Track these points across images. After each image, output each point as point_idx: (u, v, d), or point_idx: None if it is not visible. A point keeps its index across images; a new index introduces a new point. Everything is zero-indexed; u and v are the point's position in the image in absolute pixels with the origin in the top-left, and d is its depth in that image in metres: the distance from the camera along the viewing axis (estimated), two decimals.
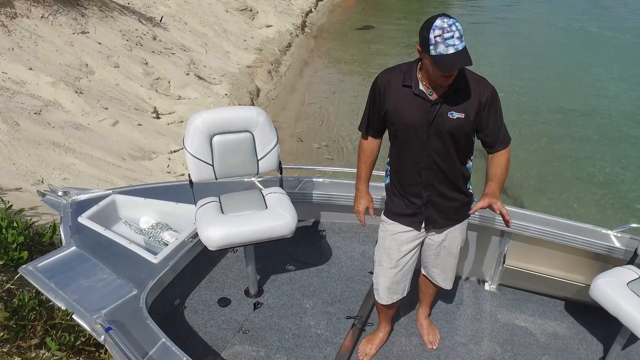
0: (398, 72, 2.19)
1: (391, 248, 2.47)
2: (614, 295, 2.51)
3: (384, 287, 2.56)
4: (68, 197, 3.06)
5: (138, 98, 6.57)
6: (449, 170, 2.26)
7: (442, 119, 2.12)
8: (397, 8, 16.44)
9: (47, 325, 2.39)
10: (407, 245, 2.46)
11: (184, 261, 2.77)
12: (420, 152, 2.21)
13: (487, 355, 2.86)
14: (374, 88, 2.25)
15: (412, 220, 2.40)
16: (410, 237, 2.44)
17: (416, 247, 2.50)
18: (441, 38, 1.89)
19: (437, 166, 2.24)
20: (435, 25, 1.91)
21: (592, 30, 14.27)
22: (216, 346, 2.79)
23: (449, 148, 2.19)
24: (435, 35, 1.90)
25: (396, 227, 2.44)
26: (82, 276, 2.48)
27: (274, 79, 9.35)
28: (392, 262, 2.49)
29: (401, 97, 2.16)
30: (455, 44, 1.90)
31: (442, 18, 1.91)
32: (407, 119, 2.16)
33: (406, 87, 2.14)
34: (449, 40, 1.89)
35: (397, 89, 2.17)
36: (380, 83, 2.21)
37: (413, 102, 2.13)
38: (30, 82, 5.49)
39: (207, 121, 2.78)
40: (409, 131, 2.18)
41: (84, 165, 4.74)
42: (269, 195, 2.91)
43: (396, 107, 2.17)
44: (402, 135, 2.22)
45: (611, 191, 6.34)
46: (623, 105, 8.96)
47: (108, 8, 8.07)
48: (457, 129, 2.13)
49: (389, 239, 2.47)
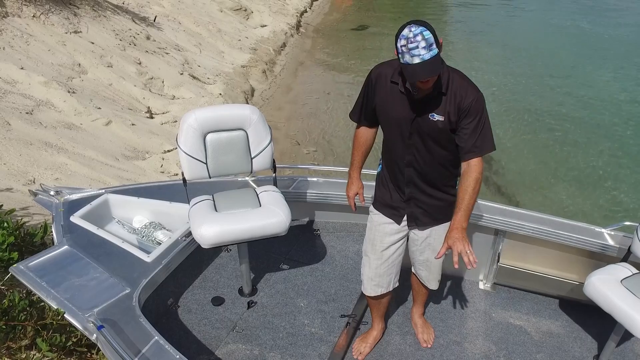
0: (390, 67, 2.21)
1: (375, 239, 2.50)
2: (608, 293, 2.52)
3: (369, 278, 2.58)
4: (60, 197, 3.03)
5: (131, 98, 6.54)
6: (431, 170, 2.27)
7: (422, 119, 2.14)
8: (392, 8, 16.44)
9: (38, 325, 2.37)
10: (391, 237, 2.47)
11: (177, 260, 2.75)
12: (402, 148, 2.25)
13: (481, 353, 2.86)
14: (367, 80, 2.29)
15: (393, 212, 2.44)
16: (392, 229, 2.46)
17: (400, 240, 2.51)
18: (406, 48, 1.89)
19: (418, 164, 2.26)
20: (402, 35, 1.91)
21: (584, 27, 14.37)
22: (210, 345, 2.77)
23: (429, 148, 2.20)
24: (401, 45, 1.91)
25: (381, 218, 2.47)
26: (74, 275, 2.46)
27: (268, 78, 9.33)
28: (375, 253, 2.52)
29: (388, 92, 2.19)
30: (420, 54, 1.88)
31: (410, 27, 1.90)
32: (392, 115, 2.21)
33: (394, 84, 2.17)
34: (413, 51, 1.88)
35: (386, 83, 2.20)
36: (373, 76, 2.25)
37: (398, 99, 2.17)
38: (21, 82, 5.45)
39: (201, 119, 2.77)
40: (393, 126, 2.23)
41: (77, 165, 4.70)
42: (262, 194, 2.90)
43: (383, 102, 2.22)
44: (388, 130, 2.28)
45: (605, 189, 6.37)
46: (619, 103, 9.00)
47: (101, 7, 8.02)
48: (436, 131, 2.13)
49: (373, 230, 2.51)
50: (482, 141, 2.12)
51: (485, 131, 2.12)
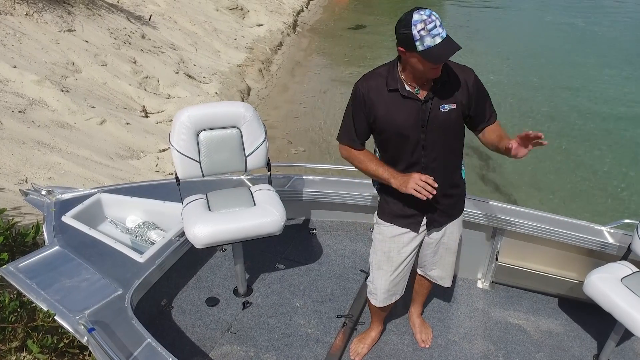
0: (377, 77, 2.11)
1: (391, 251, 2.40)
2: (608, 291, 2.49)
3: (384, 290, 2.50)
4: (52, 196, 2.98)
5: (126, 97, 6.49)
6: (448, 165, 2.23)
7: (435, 115, 2.08)
8: (389, 7, 16.41)
9: (28, 327, 2.33)
10: (408, 247, 2.40)
11: (171, 260, 2.71)
12: (418, 154, 2.15)
13: (480, 353, 2.82)
14: (354, 98, 2.15)
15: (410, 221, 2.34)
16: (409, 238, 2.38)
17: (416, 247, 2.45)
18: (425, 31, 1.85)
19: (436, 163, 2.18)
20: (415, 20, 1.86)
21: (579, 24, 14.37)
22: (204, 346, 2.73)
23: (446, 142, 2.16)
24: (419, 30, 1.85)
25: (394, 230, 2.36)
26: (65, 276, 2.41)
27: (265, 78, 9.29)
28: (393, 266, 2.43)
29: (389, 102, 2.09)
30: (440, 32, 1.86)
31: (418, 11, 1.87)
32: (400, 124, 2.09)
33: (392, 92, 2.08)
34: (433, 31, 1.85)
35: (381, 95, 2.09)
36: (363, 91, 2.11)
37: (403, 106, 2.08)
38: (14, 81, 5.39)
39: (194, 117, 2.72)
40: (404, 135, 2.11)
41: (70, 165, 4.65)
42: (257, 193, 2.86)
43: (386, 114, 2.10)
44: (396, 141, 2.15)
45: (605, 187, 6.35)
46: (617, 100, 8.99)
47: (95, 6, 7.96)
48: (450, 120, 2.10)
49: (388, 242, 2.39)
50: (492, 110, 2.22)
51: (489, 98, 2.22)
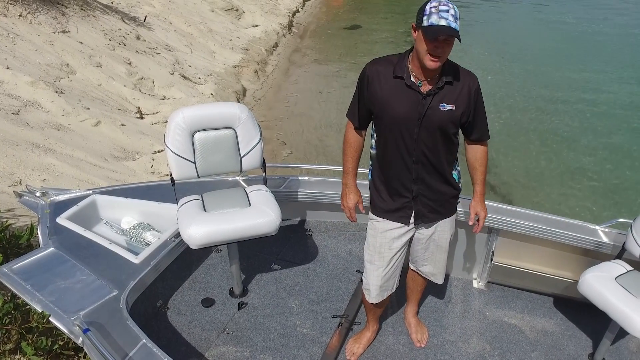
0: (387, 63, 2.14)
1: (382, 246, 2.42)
2: (603, 290, 2.50)
3: (376, 286, 2.51)
4: (46, 198, 2.97)
5: (121, 98, 6.46)
6: (439, 163, 2.23)
7: (433, 111, 2.09)
8: (384, 7, 16.44)
9: (22, 329, 2.31)
10: (398, 241, 2.42)
11: (166, 261, 2.70)
12: (410, 145, 2.17)
13: (476, 352, 2.83)
14: (361, 79, 2.20)
15: (400, 215, 2.36)
16: (400, 233, 2.40)
17: (406, 242, 2.46)
18: (436, 9, 1.90)
19: (426, 159, 2.20)
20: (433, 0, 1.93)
21: (571, 22, 14.44)
22: (200, 347, 2.73)
23: (439, 140, 2.16)
24: (431, 7, 1.92)
25: (385, 225, 2.39)
26: (60, 277, 2.40)
27: (260, 78, 9.28)
28: (384, 260, 2.45)
29: (392, 89, 2.11)
30: (449, 18, 1.89)
31: None
32: (397, 113, 2.11)
33: (398, 79, 2.10)
34: (443, 13, 1.89)
35: (387, 80, 2.12)
36: (369, 73, 2.15)
37: (404, 95, 2.09)
38: (7, 82, 5.36)
39: (189, 117, 2.72)
40: (398, 125, 2.14)
41: (65, 166, 4.63)
42: (252, 193, 2.86)
43: (386, 100, 2.12)
44: (391, 129, 2.17)
45: (599, 186, 6.37)
46: (614, 98, 9.03)
47: (90, 7, 7.94)
48: (447, 120, 2.11)
49: (379, 237, 2.42)
50: (487, 127, 2.28)
51: (486, 116, 2.26)
